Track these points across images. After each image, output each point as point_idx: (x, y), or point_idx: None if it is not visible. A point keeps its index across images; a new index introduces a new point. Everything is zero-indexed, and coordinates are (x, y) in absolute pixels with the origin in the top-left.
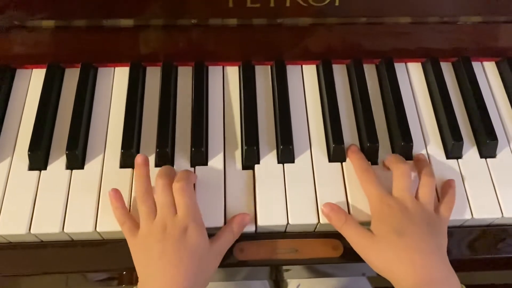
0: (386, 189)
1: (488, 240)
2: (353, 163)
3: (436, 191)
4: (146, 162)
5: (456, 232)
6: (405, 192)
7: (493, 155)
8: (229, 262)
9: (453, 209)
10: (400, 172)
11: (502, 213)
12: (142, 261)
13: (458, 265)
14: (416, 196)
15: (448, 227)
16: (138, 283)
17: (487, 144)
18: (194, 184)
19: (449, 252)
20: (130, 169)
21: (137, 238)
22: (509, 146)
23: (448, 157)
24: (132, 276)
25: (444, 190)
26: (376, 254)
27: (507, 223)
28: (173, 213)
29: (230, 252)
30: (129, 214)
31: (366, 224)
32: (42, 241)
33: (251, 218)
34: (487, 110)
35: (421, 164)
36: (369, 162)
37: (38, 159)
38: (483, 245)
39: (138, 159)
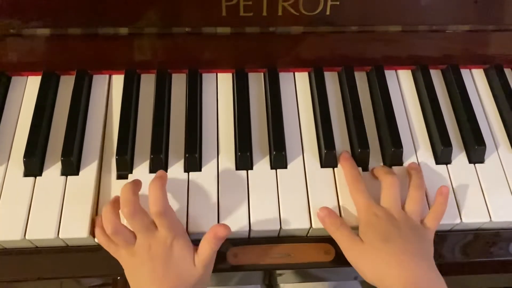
0: (374, 199)
1: (480, 244)
2: (344, 171)
3: (427, 198)
4: (114, 204)
5: (449, 236)
6: (392, 203)
7: (481, 161)
8: (223, 267)
9: (441, 219)
10: (388, 183)
11: (490, 217)
12: (134, 278)
13: (451, 269)
14: (403, 207)
15: (439, 232)
16: None
17: (476, 150)
18: (188, 190)
19: (442, 256)
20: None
21: (124, 261)
22: (497, 151)
23: (437, 163)
24: (126, 281)
25: (436, 199)
26: (365, 261)
27: (497, 227)
28: (153, 231)
29: (223, 257)
30: (109, 238)
31: (357, 229)
32: (37, 247)
33: (226, 230)
34: (476, 116)
35: (412, 175)
36: (360, 170)
37: (33, 165)
38: (476, 249)
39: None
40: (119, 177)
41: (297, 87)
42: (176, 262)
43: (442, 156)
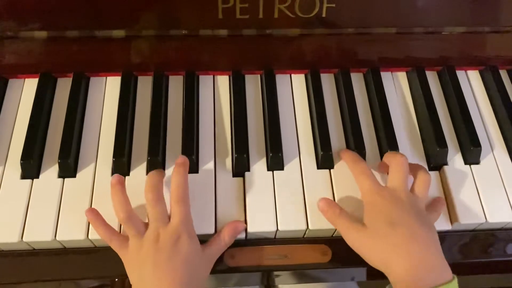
0: (379, 182)
1: (477, 245)
2: (344, 159)
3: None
4: (120, 181)
5: (445, 237)
6: (400, 183)
7: (477, 162)
8: (220, 269)
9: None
10: (396, 163)
11: (486, 218)
12: (136, 273)
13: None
14: (411, 190)
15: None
16: None
17: (471, 151)
18: None
19: None
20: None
21: (129, 253)
22: (493, 152)
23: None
24: (124, 283)
25: (435, 200)
26: (370, 247)
27: (493, 228)
28: (166, 223)
29: (221, 258)
30: (113, 229)
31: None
32: (34, 249)
33: (243, 226)
34: (471, 117)
35: (416, 166)
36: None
37: (31, 167)
38: (472, 250)
39: (112, 180)
40: None
41: (293, 89)
42: (182, 256)
43: (438, 157)
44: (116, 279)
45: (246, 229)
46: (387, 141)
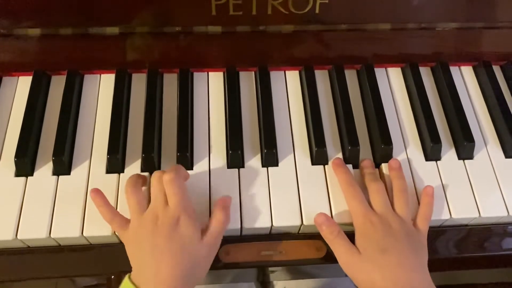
0: (369, 205)
1: (472, 240)
2: (338, 177)
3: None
4: (138, 176)
5: (440, 232)
6: (384, 208)
7: (470, 157)
8: (215, 265)
9: (430, 220)
10: (374, 190)
11: (479, 213)
12: (135, 253)
13: (444, 264)
14: (393, 209)
15: (431, 227)
16: (132, 273)
17: (465, 146)
18: None
19: (434, 251)
20: (116, 175)
21: (128, 232)
22: (486, 148)
23: (427, 159)
24: (120, 280)
25: (422, 200)
26: (360, 271)
27: (486, 222)
28: (165, 204)
29: (215, 255)
30: (115, 210)
31: (348, 225)
32: (29, 247)
33: (230, 198)
34: (465, 113)
35: (394, 178)
36: (351, 167)
37: (25, 165)
38: (467, 244)
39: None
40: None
41: (288, 85)
42: (182, 238)
43: (432, 152)
44: (112, 276)
45: (241, 225)
46: (381, 137)
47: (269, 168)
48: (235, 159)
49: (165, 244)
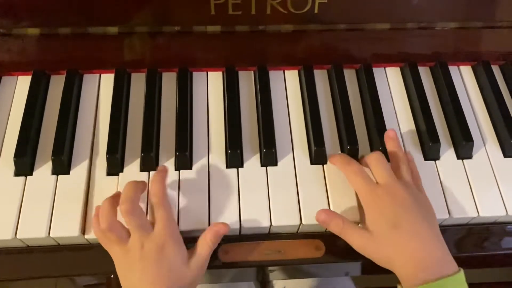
0: (372, 178)
1: (472, 239)
2: (335, 162)
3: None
4: (113, 200)
5: (441, 232)
6: (387, 176)
7: (469, 156)
8: (214, 264)
9: (416, 171)
10: (374, 160)
11: (478, 212)
12: (125, 276)
13: None
14: (397, 176)
15: None
16: None
17: (463, 146)
18: (179, 188)
19: None
20: (115, 176)
21: (117, 257)
22: (485, 147)
23: (426, 159)
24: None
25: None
26: (376, 250)
27: (485, 221)
28: (148, 231)
29: (214, 254)
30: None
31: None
32: (28, 246)
33: (226, 227)
34: (464, 112)
35: (391, 145)
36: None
37: (24, 164)
38: (467, 244)
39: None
40: (110, 175)
41: (287, 85)
42: (169, 263)
43: (431, 152)
44: (112, 276)
45: (240, 225)
46: (380, 136)
47: (268, 167)
48: (234, 159)
49: (153, 270)
